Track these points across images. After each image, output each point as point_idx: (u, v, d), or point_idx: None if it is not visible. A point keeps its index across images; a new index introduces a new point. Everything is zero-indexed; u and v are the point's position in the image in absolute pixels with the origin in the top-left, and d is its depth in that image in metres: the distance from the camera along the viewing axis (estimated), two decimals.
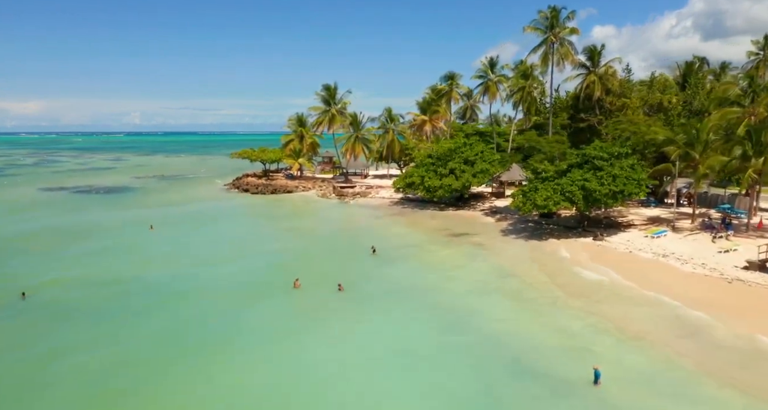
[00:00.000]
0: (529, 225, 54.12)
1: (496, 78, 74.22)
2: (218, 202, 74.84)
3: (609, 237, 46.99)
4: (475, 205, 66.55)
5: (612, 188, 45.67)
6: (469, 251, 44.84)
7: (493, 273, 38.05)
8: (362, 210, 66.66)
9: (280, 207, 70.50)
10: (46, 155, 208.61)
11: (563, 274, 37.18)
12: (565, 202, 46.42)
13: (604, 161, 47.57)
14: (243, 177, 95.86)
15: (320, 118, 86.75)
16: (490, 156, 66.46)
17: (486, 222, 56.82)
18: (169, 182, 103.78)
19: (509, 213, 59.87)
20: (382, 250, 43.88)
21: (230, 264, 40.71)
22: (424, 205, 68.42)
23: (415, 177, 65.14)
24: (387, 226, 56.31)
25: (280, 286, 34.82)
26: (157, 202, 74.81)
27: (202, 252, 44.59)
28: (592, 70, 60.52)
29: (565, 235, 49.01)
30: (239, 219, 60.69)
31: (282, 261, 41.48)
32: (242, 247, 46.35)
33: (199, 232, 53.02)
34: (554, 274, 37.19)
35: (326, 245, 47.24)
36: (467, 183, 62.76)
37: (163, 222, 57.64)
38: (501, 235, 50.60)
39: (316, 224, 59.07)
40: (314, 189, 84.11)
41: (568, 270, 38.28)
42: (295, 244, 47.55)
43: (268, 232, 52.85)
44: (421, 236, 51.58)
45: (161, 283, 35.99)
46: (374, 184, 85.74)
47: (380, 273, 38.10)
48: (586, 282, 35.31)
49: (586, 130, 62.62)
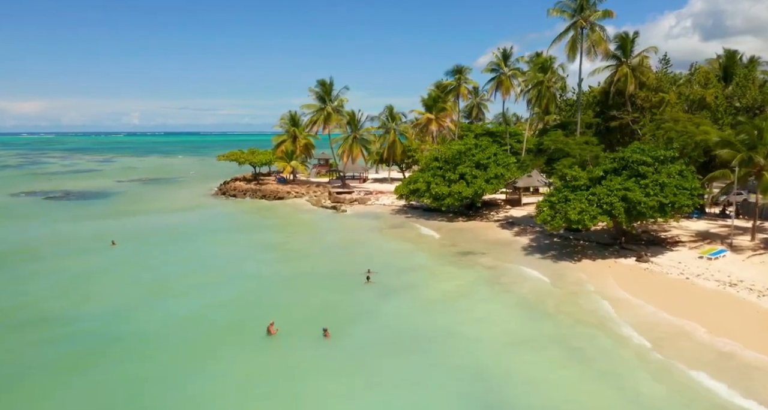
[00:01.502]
0: (555, 241, 46.15)
1: (510, 71, 66.30)
2: (200, 210, 66.92)
3: (655, 258, 39.04)
4: (488, 215, 58.58)
5: (660, 199, 37.74)
6: (486, 277, 36.89)
7: (520, 311, 30.14)
8: (359, 221, 58.71)
9: (267, 217, 62.56)
10: (35, 156, 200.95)
11: (616, 313, 29.18)
12: (603, 216, 38.47)
13: (648, 166, 39.67)
14: (231, 181, 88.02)
15: (314, 116, 78.60)
16: (505, 159, 58.53)
17: (502, 237, 48.83)
18: (154, 186, 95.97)
19: (528, 225, 51.92)
20: (381, 275, 36.02)
21: (194, 296, 32.84)
22: (429, 214, 60.51)
23: (420, 183, 57.23)
24: (387, 242, 48.38)
25: (251, 331, 26.96)
26: (131, 210, 66.92)
27: (163, 278, 36.70)
28: (624, 61, 52.49)
29: (600, 254, 41.07)
30: (218, 232, 52.74)
31: (258, 292, 33.55)
32: (213, 271, 38.44)
33: (167, 250, 45.13)
34: (603, 313, 29.23)
35: (314, 268, 39.32)
36: (480, 190, 54.83)
37: (130, 237, 49.78)
38: (522, 254, 42.65)
39: (305, 239, 51.07)
40: (308, 194, 76.22)
41: (622, 307, 30.22)
42: (276, 267, 39.63)
43: (248, 251, 44.89)
44: (426, 255, 43.70)
45: (98, 325, 28.14)
46: (374, 189, 77.87)
47: (378, 311, 30.20)
48: (653, 325, 27.26)
49: (617, 130, 54.61)
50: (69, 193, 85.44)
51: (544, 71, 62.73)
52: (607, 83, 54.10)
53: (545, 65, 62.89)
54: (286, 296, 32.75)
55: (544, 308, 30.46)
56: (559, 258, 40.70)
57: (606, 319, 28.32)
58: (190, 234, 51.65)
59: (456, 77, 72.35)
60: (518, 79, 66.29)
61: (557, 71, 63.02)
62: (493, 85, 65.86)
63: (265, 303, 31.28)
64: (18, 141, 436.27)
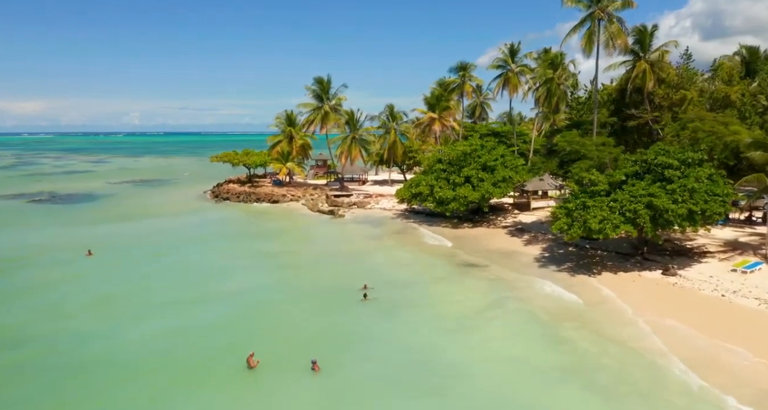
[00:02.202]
0: (570, 250, 42.39)
1: (517, 68, 62.50)
2: (189, 215, 63.19)
3: (683, 271, 35.31)
4: (495, 221, 54.84)
5: (690, 207, 33.98)
6: (497, 292, 33.15)
7: (536, 335, 26.44)
8: (358, 228, 54.96)
9: (259, 222, 58.78)
10: (30, 157, 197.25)
11: (648, 338, 25.44)
12: (626, 224, 34.72)
13: (675, 170, 35.92)
14: (225, 183, 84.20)
15: (311, 116, 74.69)
16: (513, 161, 54.75)
17: (512, 246, 45.06)
18: (144, 189, 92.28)
19: (540, 232, 48.19)
20: (380, 291, 32.36)
21: (169, 317, 29.13)
22: (433, 219, 56.79)
23: (422, 186, 53.47)
24: (387, 251, 44.64)
25: (229, 362, 23.30)
26: (116, 215, 63.21)
27: (138, 296, 33.00)
28: (642, 56, 48.67)
29: (621, 266, 37.34)
30: (205, 241, 48.99)
31: (241, 313, 29.80)
32: (194, 286, 34.70)
33: (147, 261, 41.37)
34: (632, 339, 25.50)
35: (306, 282, 35.60)
36: (487, 194, 51.07)
37: (110, 246, 46.10)
38: (536, 266, 38.91)
39: (298, 248, 47.23)
40: (304, 198, 72.47)
41: (654, 330, 26.45)
42: (264, 282, 35.88)
43: (235, 262, 41.11)
44: (429, 266, 39.98)
45: (53, 352, 24.49)
46: (373, 192, 74.11)
47: (376, 336, 26.49)
48: (693, 352, 23.49)
49: (634, 130, 50.80)
50: (55, 195, 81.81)
51: (554, 68, 58.97)
52: (624, 80, 50.23)
53: (555, 61, 59.12)
54: (272, 317, 29.03)
55: (563, 331, 26.77)
56: (576, 271, 36.98)
57: (636, 346, 24.60)
58: (175, 242, 47.88)
59: (460, 74, 68.50)
60: (526, 76, 62.52)
61: (568, 68, 59.20)
62: (500, 83, 62.06)
63: (248, 326, 27.59)
64: (16, 141, 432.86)
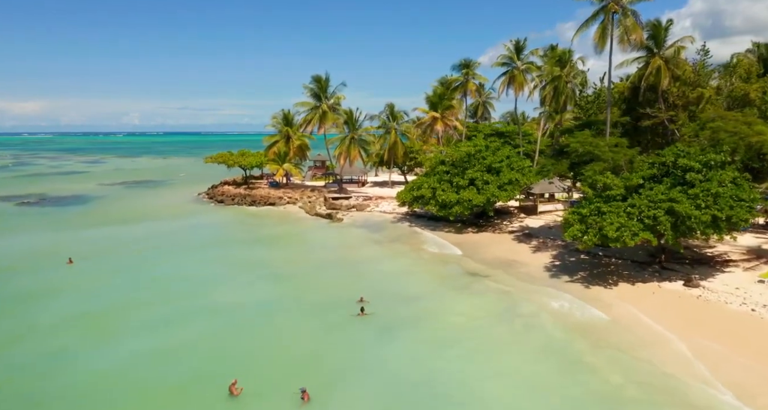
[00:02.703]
0: (582, 258, 39.81)
1: (523, 66, 59.81)
2: (180, 219, 60.59)
3: (706, 282, 32.76)
4: (501, 225, 52.24)
5: (714, 213, 31.38)
6: (504, 306, 30.59)
7: (550, 359, 23.87)
8: (356, 233, 52.39)
9: (253, 227, 56.16)
10: (27, 157, 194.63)
11: (678, 362, 22.83)
12: (645, 232, 32.11)
13: (696, 173, 33.32)
14: (220, 185, 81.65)
15: (309, 115, 72.03)
16: (520, 162, 52.17)
17: (520, 253, 42.46)
18: (137, 190, 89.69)
19: (548, 238, 45.62)
20: (378, 304, 29.89)
21: (148, 336, 26.56)
22: (435, 223, 54.20)
23: (424, 189, 50.92)
24: (386, 259, 42.04)
25: (209, 389, 20.77)
26: (105, 219, 60.67)
27: (116, 310, 30.42)
28: (657, 53, 46.04)
29: (638, 276, 34.77)
30: (194, 248, 46.37)
31: (226, 330, 27.22)
32: (178, 300, 32.11)
33: (131, 271, 38.78)
34: (658, 363, 22.91)
35: (299, 295, 33.04)
36: (493, 198, 48.48)
37: (92, 253, 43.55)
38: (546, 275, 36.34)
39: (293, 255, 44.56)
40: (301, 200, 69.90)
41: (682, 352, 23.86)
42: (254, 295, 33.27)
43: (225, 272, 38.46)
44: (431, 276, 37.40)
45: (15, 381, 21.91)
46: (373, 194, 71.55)
47: (372, 359, 23.93)
48: (732, 376, 20.90)
49: (647, 130, 48.16)
50: (45, 197, 79.25)
51: (561, 65, 56.39)
52: (637, 77, 47.61)
53: (563, 58, 56.56)
54: (259, 337, 26.42)
55: (579, 354, 24.18)
56: (589, 281, 34.41)
57: (672, 371, 22.01)
58: (162, 250, 45.26)
59: (463, 72, 65.79)
60: (532, 73, 59.88)
61: (576, 65, 56.59)
62: (505, 81, 59.34)
63: (233, 347, 25.02)
64: (15, 141, 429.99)
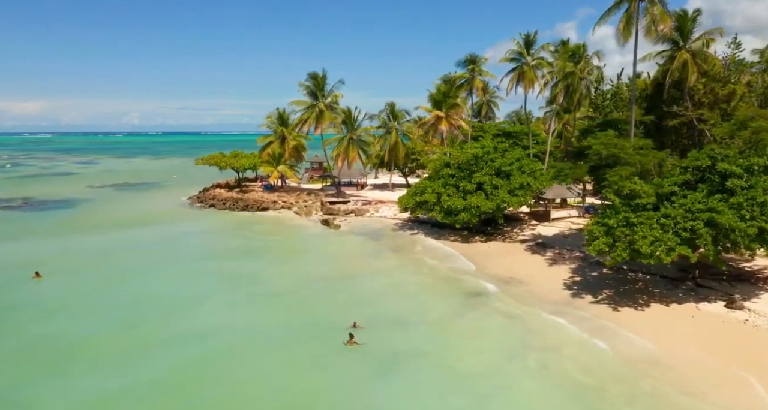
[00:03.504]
0: (604, 272, 35.82)
1: (533, 61, 55.86)
2: (166, 225, 56.68)
3: (749, 302, 28.87)
4: (511, 233, 48.25)
5: (762, 225, 27.46)
6: (519, 335, 26.72)
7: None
8: (354, 241, 48.45)
9: (243, 235, 52.12)
10: (20, 158, 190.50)
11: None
12: (682, 246, 28.16)
13: (738, 179, 29.40)
14: (212, 188, 77.64)
15: (305, 114, 67.94)
16: (531, 165, 48.25)
17: (534, 266, 38.51)
18: (127, 193, 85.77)
19: (565, 248, 41.72)
20: (372, 330, 26.09)
21: (106, 372, 22.66)
22: (439, 231, 50.26)
23: (428, 194, 47.02)
24: (385, 272, 38.08)
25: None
26: (86, 225, 56.78)
27: (77, 338, 26.53)
28: (683, 46, 42.10)
29: (671, 295, 30.83)
30: (177, 260, 42.37)
31: (194, 370, 23.13)
32: (148, 326, 28.14)
33: (102, 288, 34.82)
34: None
35: (283, 320, 29.07)
36: (503, 204, 44.57)
37: (64, 265, 39.68)
38: (566, 294, 32.41)
39: (283, 269, 40.32)
40: (297, 204, 65.95)
41: (743, 400, 19.90)
42: (234, 319, 29.26)
43: (206, 290, 34.38)
44: (434, 294, 33.42)
45: None
46: (373, 198, 67.61)
47: (361, 406, 19.95)
48: None
49: (672, 131, 44.19)
50: (29, 201, 75.33)
51: (575, 60, 52.41)
52: (661, 73, 43.69)
53: (577, 53, 52.56)
54: (233, 376, 22.36)
55: (611, 406, 20.20)
56: (617, 302, 30.47)
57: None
58: (141, 262, 41.26)
59: (469, 68, 61.75)
60: (543, 69, 55.95)
61: (591, 60, 52.58)
62: (514, 77, 55.38)
63: (200, 389, 21.13)
64: (13, 141, 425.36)
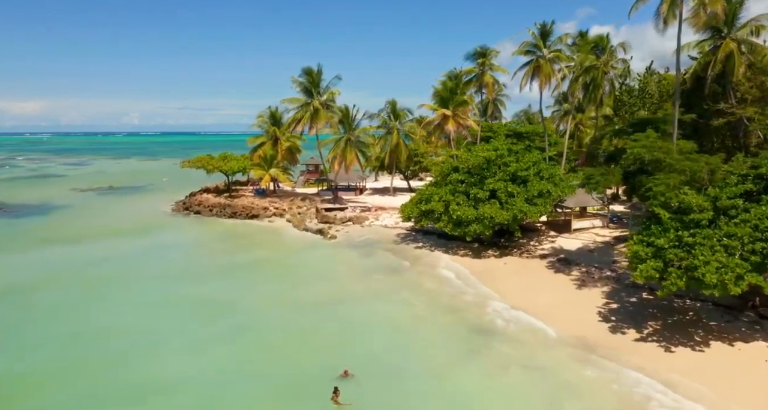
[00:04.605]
0: (645, 297, 30.40)
1: (550, 54, 50.45)
2: (145, 236, 51.26)
3: None
4: (528, 246, 42.86)
5: None
6: (545, 396, 21.18)
7: None
8: (350, 256, 42.99)
9: (227, 248, 46.68)
10: (7, 159, 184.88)
11: None
12: (753, 274, 22.76)
13: None
14: (199, 192, 72.18)
15: (299, 113, 62.34)
16: (551, 170, 42.79)
17: (559, 290, 33.05)
18: (110, 198, 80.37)
19: (591, 265, 36.39)
20: (363, 380, 20.82)
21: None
22: (447, 242, 44.89)
23: (435, 202, 41.57)
24: (384, 298, 32.55)
25: None
26: (58, 236, 51.44)
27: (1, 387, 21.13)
28: (728, 34, 36.81)
29: (732, 330, 25.47)
30: (146, 279, 36.85)
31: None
32: (96, 371, 22.79)
33: (50, 313, 29.45)
34: None
35: (261, 364, 23.67)
36: (520, 214, 39.14)
37: (14, 287, 34.33)
38: (602, 328, 26.97)
39: (267, 293, 34.20)
40: (290, 211, 60.58)
41: None
42: (203, 363, 23.82)
43: (174, 322, 28.76)
44: (441, 332, 27.64)
45: None
46: (372, 204, 62.17)
47: None
48: None
49: (713, 131, 38.78)
50: (3, 206, 69.98)
51: (598, 52, 47.05)
52: (701, 65, 38.30)
53: (600, 44, 47.18)
54: None
55: None
56: (667, 339, 25.07)
57: None
58: (104, 283, 35.77)
59: (478, 62, 56.30)
60: (560, 63, 50.59)
61: (616, 52, 47.17)
62: (529, 71, 49.93)
63: None
64: (11, 141, 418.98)
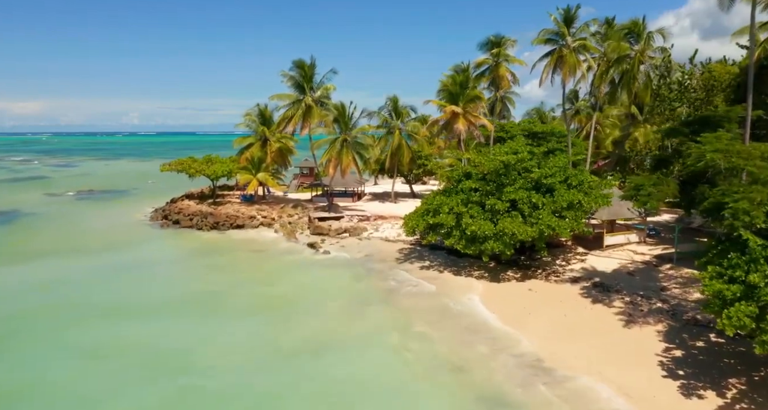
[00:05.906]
0: (717, 345, 23.93)
1: (575, 43, 43.99)
2: (112, 252, 44.78)
3: None
4: (554, 266, 36.42)
5: None
6: None
7: None
8: (343, 278, 36.44)
9: (199, 269, 39.98)
10: (6, 159, 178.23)
11: None
12: None
13: None
14: (180, 199, 65.67)
15: (290, 111, 55.76)
16: (580, 176, 36.19)
17: (598, 332, 26.55)
18: (86, 203, 73.96)
19: (634, 292, 30.00)
20: None
21: None
22: (458, 260, 38.57)
23: (444, 214, 35.06)
24: (375, 339, 26.10)
25: None
26: (14, 250, 45.21)
27: None
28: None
29: None
30: (90, 313, 29.96)
31: None
32: None
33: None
34: None
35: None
36: (548, 230, 32.61)
37: None
38: (669, 388, 20.52)
39: (235, 336, 26.96)
40: (279, 220, 54.18)
41: None
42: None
43: (112, 382, 22.16)
44: (446, 398, 21.48)
45: None
46: (371, 213, 55.71)
47: None
48: None
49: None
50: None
51: (633, 40, 40.61)
52: (765, 52, 31.93)
53: (635, 30, 40.70)
54: None
55: None
56: (759, 406, 18.61)
57: None
58: (33, 319, 29.14)
59: (492, 53, 49.74)
60: (587, 53, 44.15)
61: (653, 40, 40.67)
62: (551, 62, 43.48)
63: None
64: (6, 142, 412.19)
